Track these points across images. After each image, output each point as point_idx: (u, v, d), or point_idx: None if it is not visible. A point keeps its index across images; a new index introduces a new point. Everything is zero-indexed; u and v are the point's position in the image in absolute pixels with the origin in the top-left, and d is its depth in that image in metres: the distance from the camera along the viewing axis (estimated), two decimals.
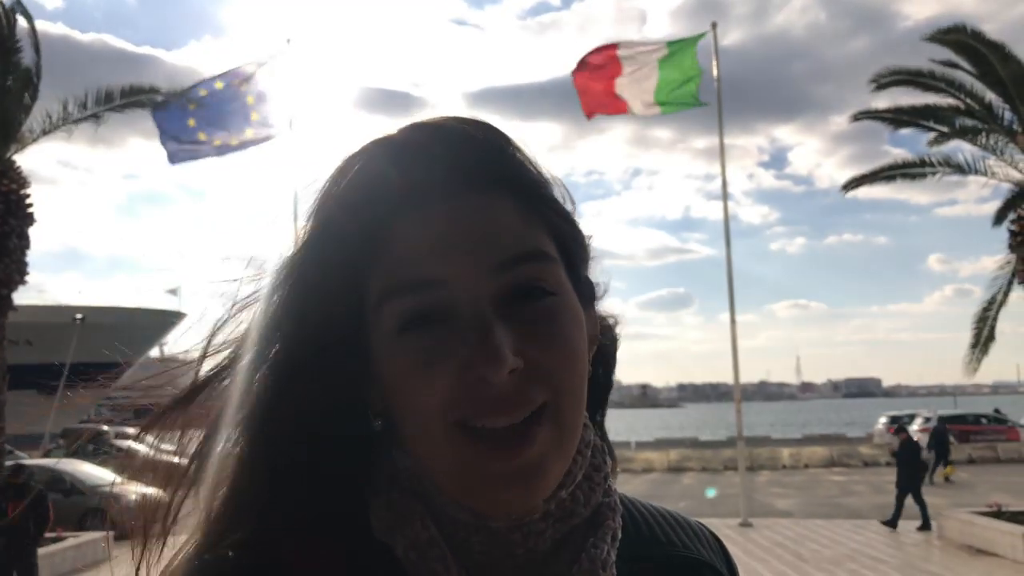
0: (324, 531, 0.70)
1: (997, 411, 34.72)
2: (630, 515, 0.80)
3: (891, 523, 14.84)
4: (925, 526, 14.59)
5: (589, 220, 0.76)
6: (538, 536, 0.69)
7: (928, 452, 25.20)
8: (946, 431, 25.72)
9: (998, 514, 12.94)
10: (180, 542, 0.74)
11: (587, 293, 0.76)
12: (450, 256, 0.66)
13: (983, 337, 15.38)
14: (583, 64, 16.49)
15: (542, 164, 0.74)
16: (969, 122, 15.34)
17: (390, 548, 0.69)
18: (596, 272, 0.78)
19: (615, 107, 16.50)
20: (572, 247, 0.73)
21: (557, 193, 0.74)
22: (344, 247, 0.69)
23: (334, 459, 0.72)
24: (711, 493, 21.44)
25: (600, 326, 0.79)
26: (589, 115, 16.63)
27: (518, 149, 0.72)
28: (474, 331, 0.64)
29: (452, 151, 0.69)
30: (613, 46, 16.48)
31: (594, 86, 16.41)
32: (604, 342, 0.82)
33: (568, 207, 0.74)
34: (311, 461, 0.71)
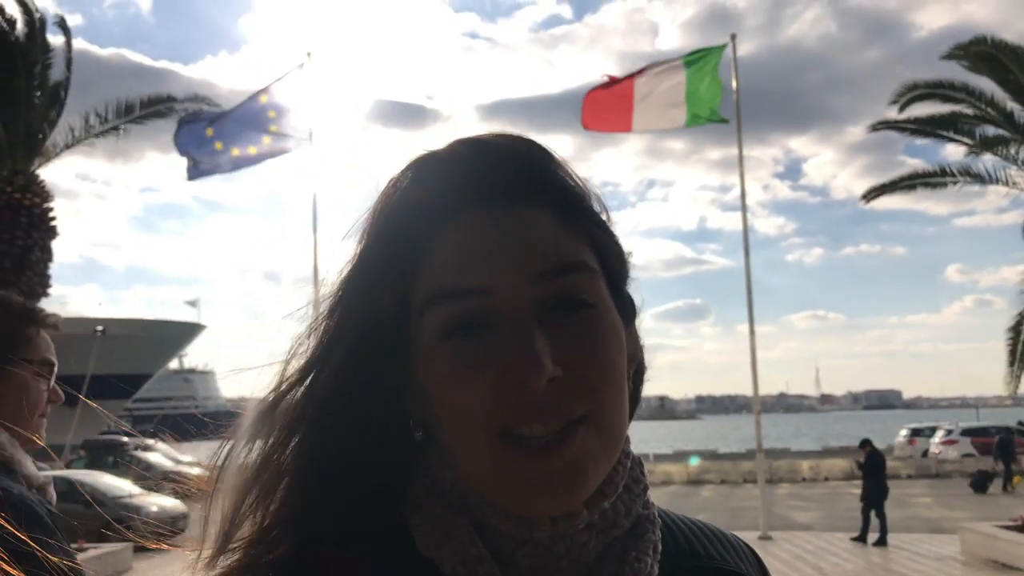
0: (366, 547, 0.70)
1: (1021, 423, 34.25)
2: (667, 527, 0.79)
3: (861, 537, 14.89)
4: (882, 541, 14.58)
5: None
6: (582, 547, 0.69)
7: (995, 462, 25.11)
8: (1012, 441, 25.73)
9: (1023, 528, 12.76)
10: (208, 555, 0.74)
11: (627, 309, 0.76)
12: (491, 265, 0.67)
13: (1019, 353, 15.11)
14: (603, 85, 16.45)
15: (582, 178, 0.75)
16: (991, 131, 15.23)
17: (433, 564, 0.69)
18: (633, 289, 0.78)
19: (620, 124, 16.40)
20: (612, 261, 0.74)
21: (596, 206, 0.75)
22: (389, 261, 0.70)
23: (376, 473, 0.73)
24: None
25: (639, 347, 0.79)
26: (586, 127, 16.54)
27: (560, 164, 0.74)
28: (514, 338, 0.64)
29: (494, 164, 0.70)
30: (641, 71, 16.45)
31: (603, 102, 16.36)
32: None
33: (606, 219, 0.75)
34: (353, 476, 0.72)
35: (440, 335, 0.67)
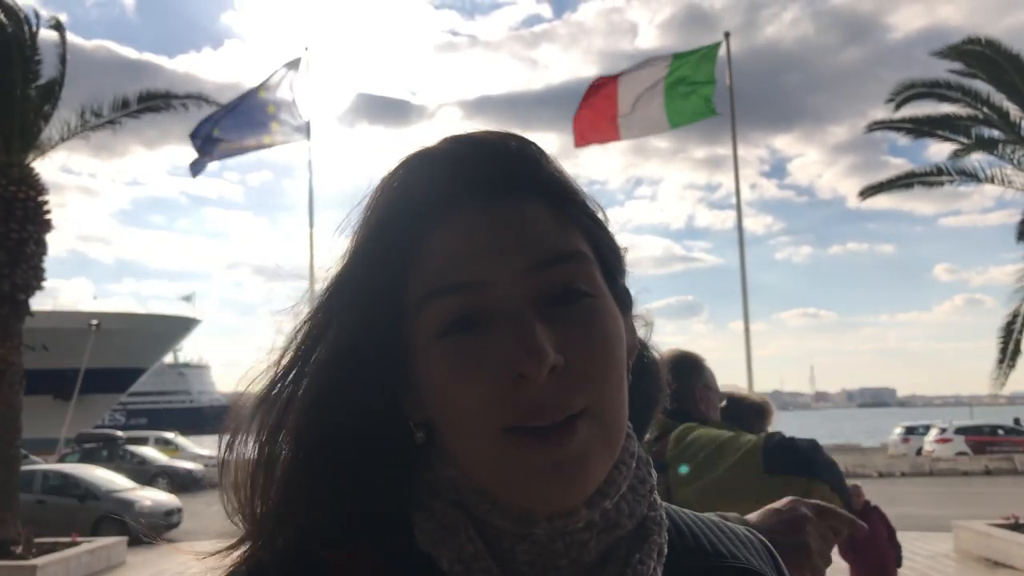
0: (366, 541, 0.71)
1: (1017, 421, 34.33)
2: (675, 526, 0.78)
3: None
4: None
5: None
6: (581, 547, 0.69)
7: None
8: None
9: (1016, 526, 12.81)
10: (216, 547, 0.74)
11: (624, 300, 0.76)
12: (488, 258, 0.67)
13: (1009, 351, 15.11)
14: (585, 98, 16.31)
15: (573, 177, 0.76)
16: (986, 131, 15.25)
17: (432, 560, 0.68)
18: (631, 282, 0.78)
19: (609, 134, 16.27)
20: (607, 253, 0.74)
21: (590, 202, 0.75)
22: (384, 258, 0.70)
23: (376, 470, 0.72)
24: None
25: (641, 342, 0.80)
26: (579, 144, 16.41)
27: (550, 159, 0.74)
28: (514, 330, 0.64)
29: (487, 158, 0.71)
30: (615, 78, 16.31)
31: (591, 115, 16.24)
32: (645, 359, 0.82)
33: (600, 216, 0.76)
34: (353, 473, 0.71)
35: (438, 332, 0.67)
